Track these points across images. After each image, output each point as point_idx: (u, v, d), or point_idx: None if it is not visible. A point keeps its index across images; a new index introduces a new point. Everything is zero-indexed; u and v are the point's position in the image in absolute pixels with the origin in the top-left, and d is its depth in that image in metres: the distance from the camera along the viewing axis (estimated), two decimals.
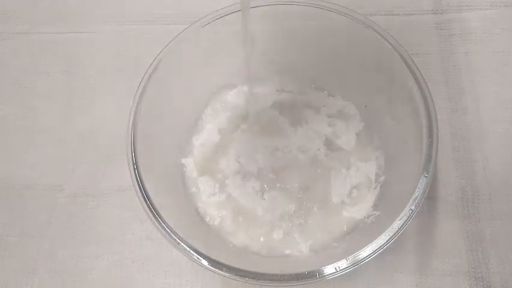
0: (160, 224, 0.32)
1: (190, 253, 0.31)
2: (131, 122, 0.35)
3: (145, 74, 0.36)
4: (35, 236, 0.42)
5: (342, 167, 0.41)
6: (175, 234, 0.31)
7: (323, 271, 0.30)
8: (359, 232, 0.38)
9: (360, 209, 0.39)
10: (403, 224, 0.31)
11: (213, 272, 0.30)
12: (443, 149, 0.43)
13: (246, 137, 0.42)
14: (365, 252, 0.30)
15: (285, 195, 0.40)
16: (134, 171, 0.33)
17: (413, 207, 0.31)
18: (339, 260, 0.30)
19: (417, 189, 0.32)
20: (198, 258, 0.31)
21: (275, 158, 0.41)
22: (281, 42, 0.41)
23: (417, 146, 0.34)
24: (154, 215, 0.32)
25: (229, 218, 0.39)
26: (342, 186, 0.40)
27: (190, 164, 0.42)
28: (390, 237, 0.30)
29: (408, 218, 0.31)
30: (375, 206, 0.39)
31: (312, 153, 0.41)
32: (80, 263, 0.41)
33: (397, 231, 0.31)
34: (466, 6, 0.49)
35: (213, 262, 0.31)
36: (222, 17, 0.38)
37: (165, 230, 0.31)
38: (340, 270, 0.30)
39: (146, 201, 0.32)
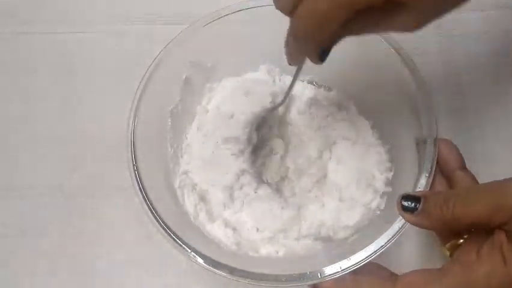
0: (160, 224, 0.32)
1: (190, 253, 0.31)
2: (131, 122, 0.35)
3: (145, 74, 0.36)
4: (35, 236, 0.42)
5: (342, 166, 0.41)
6: (175, 234, 0.31)
7: (323, 271, 0.30)
8: (359, 232, 0.37)
9: (360, 209, 0.39)
10: (403, 224, 0.31)
11: (213, 272, 0.30)
12: None
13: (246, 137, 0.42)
14: (365, 252, 0.30)
15: (285, 195, 0.40)
16: (134, 171, 0.33)
17: None
18: (339, 260, 0.30)
19: (417, 189, 0.32)
20: (197, 257, 0.31)
21: (275, 158, 0.41)
22: (281, 42, 0.41)
23: (417, 146, 0.34)
24: (154, 215, 0.32)
25: None
26: (342, 186, 0.40)
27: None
28: (391, 238, 0.30)
29: None
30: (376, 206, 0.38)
31: (313, 154, 0.41)
32: (80, 263, 0.41)
33: (397, 231, 0.31)
34: (466, 6, 0.49)
35: (213, 262, 0.31)
36: (222, 17, 0.38)
37: (165, 230, 0.31)
38: (341, 271, 0.30)
39: (146, 201, 0.32)
